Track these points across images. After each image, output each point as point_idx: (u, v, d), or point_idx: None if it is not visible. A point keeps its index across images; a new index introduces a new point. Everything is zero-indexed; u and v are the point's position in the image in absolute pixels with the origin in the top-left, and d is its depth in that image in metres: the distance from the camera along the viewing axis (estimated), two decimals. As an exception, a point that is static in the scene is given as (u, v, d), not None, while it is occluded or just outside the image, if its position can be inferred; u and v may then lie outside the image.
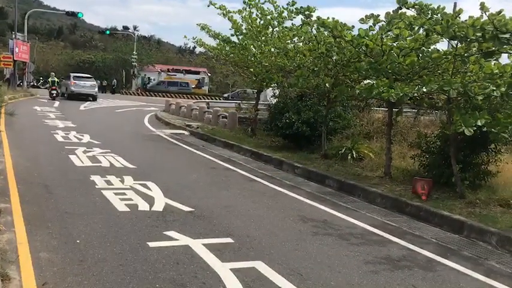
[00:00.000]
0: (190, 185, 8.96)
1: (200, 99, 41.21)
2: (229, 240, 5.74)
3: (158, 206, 6.99)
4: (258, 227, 6.41)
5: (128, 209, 6.74)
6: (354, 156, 11.92)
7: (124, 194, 7.58)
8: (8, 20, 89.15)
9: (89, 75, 37.11)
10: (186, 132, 17.97)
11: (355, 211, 7.88)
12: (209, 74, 63.78)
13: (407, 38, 8.89)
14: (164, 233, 5.80)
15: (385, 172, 10.13)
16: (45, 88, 36.90)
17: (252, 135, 16.40)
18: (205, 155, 12.97)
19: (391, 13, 8.61)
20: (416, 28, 8.38)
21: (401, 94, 7.92)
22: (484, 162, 9.31)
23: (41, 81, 51.54)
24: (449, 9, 8.03)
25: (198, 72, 63.86)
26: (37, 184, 7.97)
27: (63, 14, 49.05)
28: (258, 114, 17.66)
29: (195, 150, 13.76)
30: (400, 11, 8.44)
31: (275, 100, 17.06)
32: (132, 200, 7.24)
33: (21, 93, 32.53)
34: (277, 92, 17.92)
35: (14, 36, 36.23)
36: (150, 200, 7.26)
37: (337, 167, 11.03)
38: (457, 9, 7.56)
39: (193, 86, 59.22)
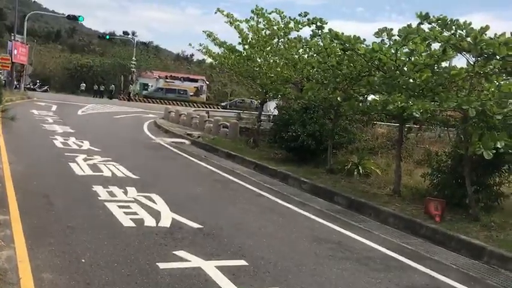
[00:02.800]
0: (196, 198, 8.63)
1: (199, 107, 40.93)
2: (243, 262, 5.41)
3: (165, 222, 6.64)
4: (271, 248, 6.08)
5: (134, 224, 6.40)
6: (361, 172, 11.66)
7: (128, 207, 7.24)
8: (6, 21, 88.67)
9: None
10: (186, 141, 17.63)
11: (368, 232, 7.57)
12: (207, 82, 63.57)
13: (423, 54, 8.67)
14: (174, 252, 5.46)
15: (394, 190, 9.85)
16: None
17: (254, 146, 16.10)
18: (208, 166, 12.65)
19: (407, 28, 8.39)
20: (434, 44, 8.17)
21: (422, 110, 7.66)
22: (496, 183, 9.06)
23: (38, 84, 51.16)
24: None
25: (196, 80, 63.62)
26: (37, 194, 7.61)
27: (62, 17, 48.93)
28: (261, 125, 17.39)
29: (197, 161, 13.43)
30: (416, 26, 8.22)
31: (276, 112, 16.82)
32: (138, 214, 6.90)
33: (18, 96, 32.10)
34: (280, 104, 17.69)
35: (13, 37, 35.90)
36: (156, 215, 6.92)
37: (344, 183, 10.75)
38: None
39: (191, 94, 58.95)
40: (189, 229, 6.48)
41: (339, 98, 10.76)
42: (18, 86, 38.77)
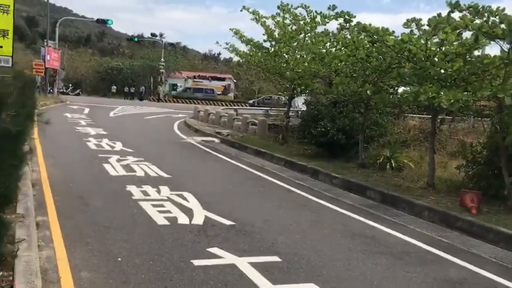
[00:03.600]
0: (228, 195, 8.69)
1: (227, 105, 41.10)
2: (276, 258, 5.40)
3: (198, 219, 6.71)
4: (303, 244, 6.06)
5: (168, 223, 6.49)
6: (393, 165, 11.48)
7: (162, 205, 7.34)
8: (39, 28, 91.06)
9: None
10: (216, 140, 17.75)
11: (402, 226, 7.45)
12: (235, 81, 63.76)
13: (454, 43, 8.46)
14: (208, 249, 5.51)
15: (428, 183, 9.66)
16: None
17: (283, 143, 16.07)
18: (238, 164, 12.71)
19: (437, 17, 8.21)
20: (466, 33, 7.97)
21: (452, 100, 7.48)
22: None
23: (70, 87, 52.33)
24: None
25: (223, 79, 63.94)
26: (73, 195, 7.80)
27: (91, 21, 49.84)
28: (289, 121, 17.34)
29: (227, 159, 13.51)
30: (446, 15, 8.03)
31: (305, 107, 16.70)
32: (171, 212, 6.99)
33: (52, 100, 32.98)
34: (309, 99, 17.58)
35: (45, 43, 36.86)
36: (189, 213, 6.99)
37: (376, 177, 10.61)
38: None
39: (219, 93, 59.33)
40: (221, 226, 6.52)
41: (369, 91, 10.60)
42: (51, 90, 39.79)
